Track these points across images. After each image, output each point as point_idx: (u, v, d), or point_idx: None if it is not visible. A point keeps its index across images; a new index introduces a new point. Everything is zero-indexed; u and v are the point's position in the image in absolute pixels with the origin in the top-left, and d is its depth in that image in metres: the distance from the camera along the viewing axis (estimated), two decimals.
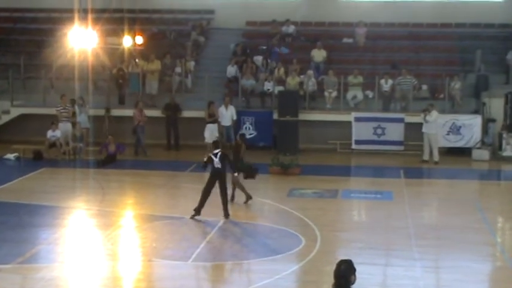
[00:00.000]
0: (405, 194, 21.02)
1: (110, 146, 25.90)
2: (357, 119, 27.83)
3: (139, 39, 30.49)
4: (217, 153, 18.09)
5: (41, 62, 30.76)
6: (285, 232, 16.85)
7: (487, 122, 27.62)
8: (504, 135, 26.82)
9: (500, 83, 28.96)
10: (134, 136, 27.19)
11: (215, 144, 18.86)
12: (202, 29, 33.07)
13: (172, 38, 33.31)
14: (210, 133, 26.87)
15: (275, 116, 27.90)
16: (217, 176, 18.01)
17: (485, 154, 26.74)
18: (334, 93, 28.73)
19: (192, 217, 17.89)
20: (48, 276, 13.79)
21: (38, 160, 25.76)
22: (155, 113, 27.96)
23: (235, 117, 27.51)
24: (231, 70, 29.95)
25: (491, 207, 20.06)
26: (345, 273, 7.71)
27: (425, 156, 26.23)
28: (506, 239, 17.54)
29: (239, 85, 29.03)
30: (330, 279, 7.81)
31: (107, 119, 28.43)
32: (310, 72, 29.18)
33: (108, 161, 25.34)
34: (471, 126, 27.26)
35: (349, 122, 27.82)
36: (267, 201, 20.12)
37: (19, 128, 29.17)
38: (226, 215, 17.95)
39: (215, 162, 17.96)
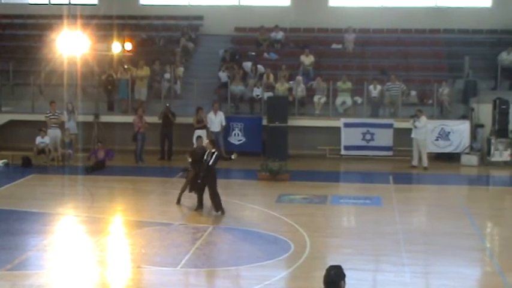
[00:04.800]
0: (394, 200, 21.04)
1: (99, 152, 25.85)
2: (346, 125, 27.88)
3: (129, 46, 30.46)
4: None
5: (30, 68, 30.70)
6: (274, 238, 16.84)
7: (476, 127, 27.72)
8: (492, 141, 26.91)
9: (489, 88, 29.07)
10: (134, 143, 27.07)
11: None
12: (190, 35, 33.06)
13: (161, 44, 33.32)
14: None
15: (264, 122, 27.92)
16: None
17: (473, 159, 26.83)
18: (323, 99, 28.79)
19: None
20: (37, 283, 13.74)
21: (26, 166, 25.68)
22: (149, 119, 27.63)
23: (224, 123, 27.51)
24: (223, 76, 29.98)
25: (480, 212, 20.11)
26: (334, 279, 7.69)
27: (414, 162, 26.30)
28: (495, 244, 17.59)
29: (228, 91, 29.06)
30: (320, 285, 7.79)
31: (96, 125, 28.37)
32: (299, 78, 29.23)
33: (97, 167, 25.28)
34: (460, 132, 27.36)
35: (338, 128, 27.87)
36: (255, 207, 20.12)
37: (8, 134, 29.10)
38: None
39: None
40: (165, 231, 17.44)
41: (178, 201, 20.03)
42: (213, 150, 19.02)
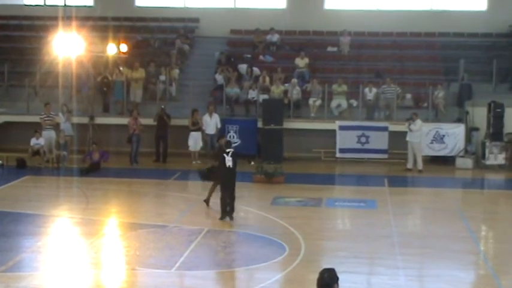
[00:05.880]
0: (389, 203, 21.05)
1: (94, 154, 25.82)
2: (341, 128, 27.89)
3: (124, 47, 30.42)
4: (229, 152, 18.30)
5: (25, 70, 30.68)
6: (268, 240, 16.83)
7: (471, 130, 27.76)
8: (487, 144, 26.95)
9: (484, 91, 29.06)
10: (129, 145, 27.03)
11: (228, 143, 19.22)
12: (186, 37, 33.07)
13: (156, 46, 33.31)
14: (194, 141, 26.91)
15: (259, 124, 27.91)
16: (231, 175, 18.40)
17: (468, 163, 26.87)
18: (319, 102, 28.81)
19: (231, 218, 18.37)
20: (31, 285, 13.70)
21: (21, 168, 25.65)
22: (144, 121, 27.54)
23: (219, 126, 27.48)
24: (219, 78, 29.99)
25: (475, 215, 20.13)
26: (328, 282, 7.69)
27: (409, 165, 26.33)
28: (489, 248, 17.60)
29: (223, 93, 29.06)
30: None
31: (91, 127, 28.34)
32: (295, 80, 29.26)
33: (92, 169, 25.24)
34: (454, 135, 27.40)
35: (334, 131, 27.88)
36: (250, 209, 20.10)
37: (2, 136, 29.03)
38: (231, 216, 18.39)
39: (227, 161, 18.18)
40: (159, 234, 17.42)
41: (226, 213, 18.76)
42: (228, 150, 18.46)
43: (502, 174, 26.22)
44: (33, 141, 26.21)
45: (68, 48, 25.22)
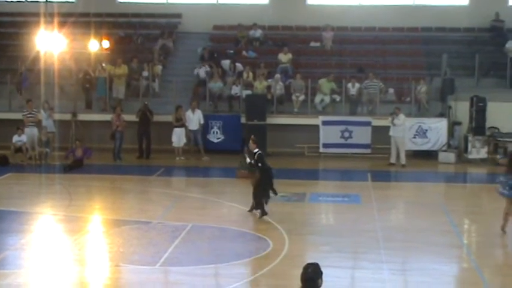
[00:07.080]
0: (373, 197, 21.10)
1: (77, 150, 25.75)
2: (325, 123, 27.94)
3: (106, 44, 30.33)
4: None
5: (7, 67, 30.50)
6: (252, 236, 16.86)
7: (453, 125, 27.89)
8: (470, 138, 27.08)
9: (466, 86, 29.18)
10: (112, 141, 26.96)
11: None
12: (170, 33, 32.99)
13: (139, 42, 33.22)
14: (178, 137, 26.88)
15: (243, 120, 27.91)
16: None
17: (451, 157, 26.99)
18: (302, 97, 28.84)
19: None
20: (15, 282, 13.66)
21: (3, 165, 25.50)
22: (127, 117, 27.40)
23: (202, 122, 27.46)
24: (201, 72, 29.93)
25: (458, 209, 20.22)
26: (312, 277, 7.73)
27: (393, 159, 26.42)
28: (472, 241, 17.68)
29: (206, 89, 29.04)
30: (298, 283, 7.83)
31: (74, 123, 28.24)
32: (278, 76, 29.27)
33: (74, 166, 25.17)
34: (437, 130, 27.52)
35: (317, 126, 27.93)
36: (234, 205, 20.10)
37: None
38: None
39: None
40: (143, 230, 17.39)
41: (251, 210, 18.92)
42: (255, 150, 18.53)
43: (484, 168, 26.34)
44: (15, 138, 26.09)
45: (49, 44, 25.12)
